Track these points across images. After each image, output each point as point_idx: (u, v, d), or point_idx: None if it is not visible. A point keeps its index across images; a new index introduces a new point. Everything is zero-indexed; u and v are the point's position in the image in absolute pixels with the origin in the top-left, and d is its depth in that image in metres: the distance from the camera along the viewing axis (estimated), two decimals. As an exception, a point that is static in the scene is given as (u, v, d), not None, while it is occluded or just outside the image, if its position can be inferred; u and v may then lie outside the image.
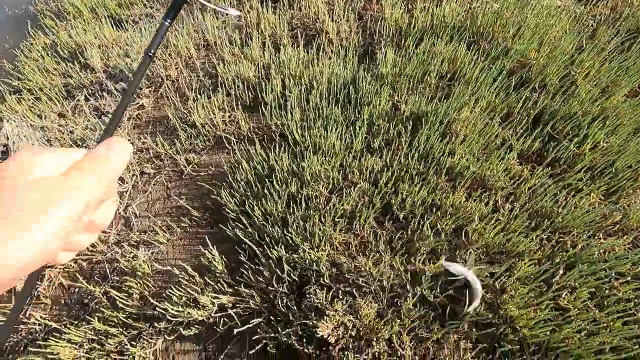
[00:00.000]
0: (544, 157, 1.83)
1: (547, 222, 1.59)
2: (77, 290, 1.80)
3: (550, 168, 1.78)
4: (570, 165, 1.78)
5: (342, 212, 1.69)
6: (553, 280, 1.44)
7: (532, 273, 1.44)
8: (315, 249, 1.56)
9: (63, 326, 1.65)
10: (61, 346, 1.51)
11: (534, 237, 1.54)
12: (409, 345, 1.35)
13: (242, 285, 1.55)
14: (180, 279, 1.59)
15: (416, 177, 1.75)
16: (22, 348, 1.66)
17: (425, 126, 1.89)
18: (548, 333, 1.31)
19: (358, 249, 1.60)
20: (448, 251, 1.56)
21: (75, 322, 1.68)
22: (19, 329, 1.71)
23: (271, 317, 1.49)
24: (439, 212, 1.63)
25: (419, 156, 1.81)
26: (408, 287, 1.48)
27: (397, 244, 1.58)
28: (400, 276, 1.49)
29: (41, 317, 1.70)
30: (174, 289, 1.55)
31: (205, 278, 1.60)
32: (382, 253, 1.54)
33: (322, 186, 1.77)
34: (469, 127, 1.89)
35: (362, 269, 1.49)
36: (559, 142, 1.84)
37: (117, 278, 1.76)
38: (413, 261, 1.51)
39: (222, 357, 1.50)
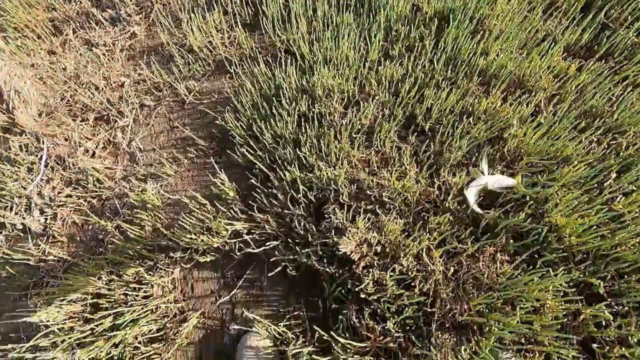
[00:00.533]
0: (595, 50, 1.56)
1: (598, 122, 1.37)
2: (90, 227, 1.76)
3: (603, 61, 1.51)
4: (628, 56, 1.51)
5: (359, 127, 1.51)
6: (605, 184, 1.26)
7: (580, 177, 1.26)
8: (332, 168, 1.41)
9: (81, 261, 1.63)
10: (81, 278, 1.49)
11: (583, 140, 1.34)
12: (439, 261, 1.23)
13: (255, 210, 1.44)
14: (191, 208, 1.50)
15: (443, 83, 1.53)
16: (44, 285, 1.66)
17: (452, 24, 1.62)
18: (598, 240, 1.16)
19: (379, 165, 1.45)
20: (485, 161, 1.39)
21: (93, 257, 1.65)
22: (40, 267, 1.71)
23: (289, 240, 1.40)
24: (470, 119, 1.44)
25: (446, 59, 1.57)
26: (436, 201, 1.34)
27: (424, 157, 1.42)
28: (427, 190, 1.34)
29: (59, 254, 1.67)
30: (186, 217, 1.46)
31: (217, 205, 1.50)
32: (407, 166, 1.38)
33: (336, 101, 1.58)
34: (504, 22, 1.61)
35: (385, 185, 1.35)
36: (614, 31, 1.55)
37: (129, 212, 1.70)
38: (442, 174, 1.36)
39: (241, 282, 1.45)
